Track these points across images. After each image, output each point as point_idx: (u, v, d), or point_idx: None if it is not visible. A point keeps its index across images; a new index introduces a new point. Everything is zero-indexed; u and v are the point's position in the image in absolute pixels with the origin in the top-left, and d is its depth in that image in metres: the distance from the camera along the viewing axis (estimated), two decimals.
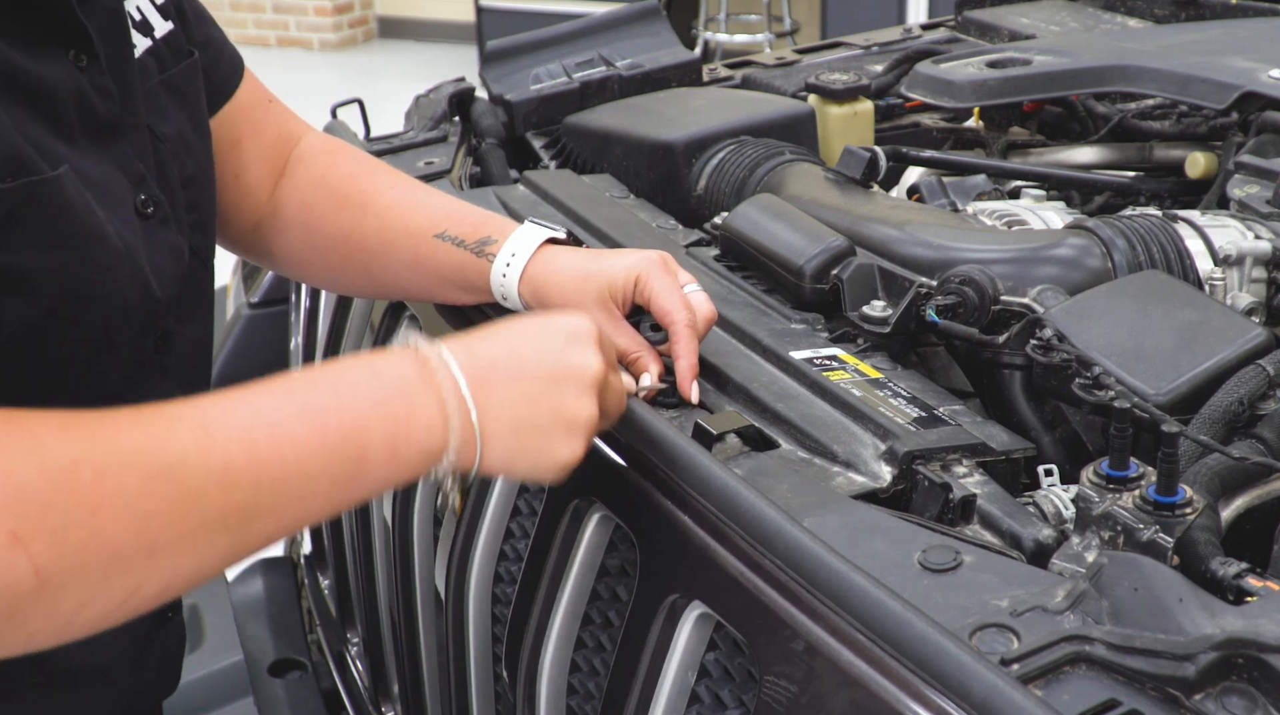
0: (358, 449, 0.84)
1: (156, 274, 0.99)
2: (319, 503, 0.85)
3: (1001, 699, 0.72)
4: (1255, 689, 0.74)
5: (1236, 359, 1.08)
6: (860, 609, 0.80)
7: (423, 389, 0.87)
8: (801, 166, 1.54)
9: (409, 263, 1.21)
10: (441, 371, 0.88)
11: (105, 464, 0.75)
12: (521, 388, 0.90)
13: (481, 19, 7.36)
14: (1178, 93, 1.57)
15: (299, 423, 0.83)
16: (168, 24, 1.10)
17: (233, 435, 0.80)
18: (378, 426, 0.85)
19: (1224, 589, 0.85)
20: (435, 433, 0.87)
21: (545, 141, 1.83)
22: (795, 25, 6.64)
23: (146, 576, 0.77)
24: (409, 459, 0.87)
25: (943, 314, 1.19)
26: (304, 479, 0.83)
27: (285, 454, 0.82)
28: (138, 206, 0.99)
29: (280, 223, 1.25)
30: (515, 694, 1.13)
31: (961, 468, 1.01)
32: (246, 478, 0.80)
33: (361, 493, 0.87)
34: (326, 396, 0.85)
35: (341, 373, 0.87)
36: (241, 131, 1.22)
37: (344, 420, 0.84)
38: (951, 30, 2.23)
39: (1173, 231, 1.27)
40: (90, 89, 0.96)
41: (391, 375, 0.87)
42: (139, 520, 0.75)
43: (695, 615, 0.94)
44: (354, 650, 1.69)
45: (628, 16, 1.97)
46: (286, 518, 0.83)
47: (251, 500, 0.80)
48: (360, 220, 1.23)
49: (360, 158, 1.30)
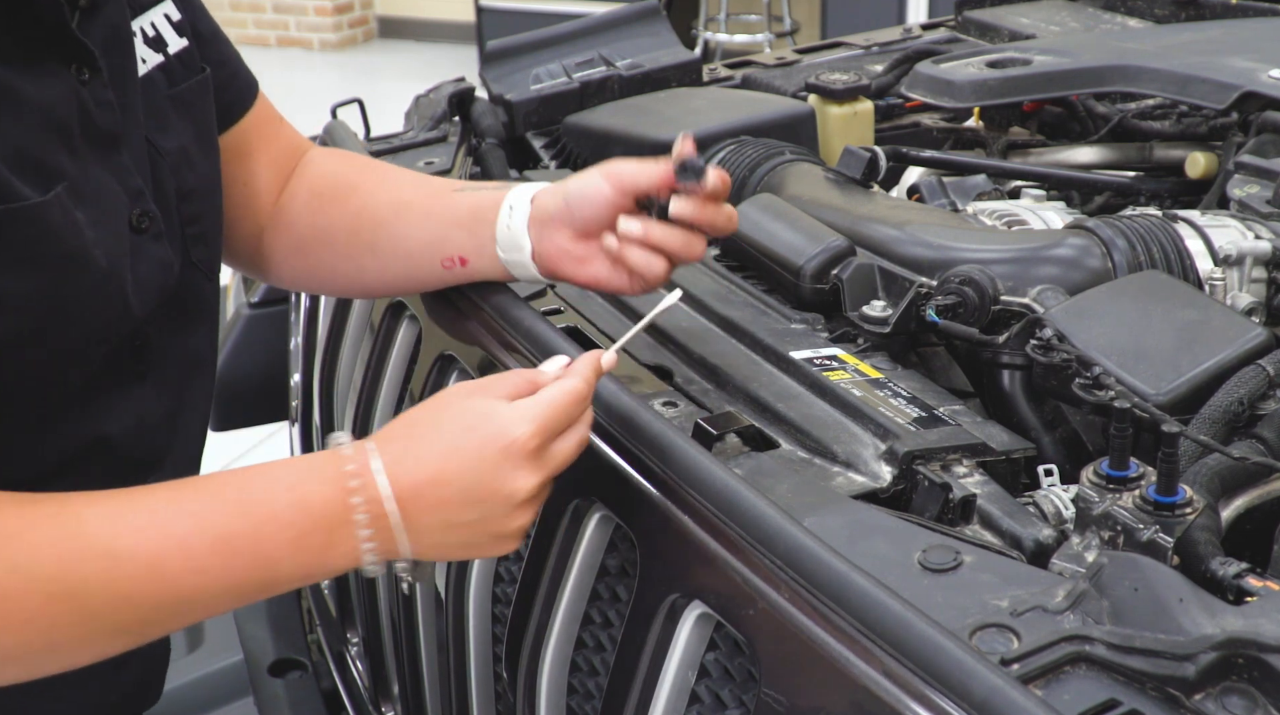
0: (267, 577, 0.88)
1: (138, 288, 1.00)
2: (224, 608, 0.91)
3: (1001, 699, 0.72)
4: (1255, 689, 0.74)
5: (1236, 359, 1.08)
6: (860, 609, 0.80)
7: (344, 522, 0.89)
8: (801, 166, 1.54)
9: (421, 215, 1.19)
10: (367, 501, 0.89)
11: (9, 584, 0.82)
12: (447, 515, 0.90)
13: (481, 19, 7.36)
14: (1178, 93, 1.57)
15: (211, 555, 0.87)
16: (182, 40, 1.11)
17: (140, 561, 0.85)
18: (292, 559, 0.88)
19: (1224, 589, 0.85)
20: (352, 558, 0.90)
21: (545, 141, 1.83)
22: (795, 25, 6.64)
23: (40, 668, 0.87)
24: (323, 576, 0.92)
25: (943, 314, 1.19)
26: (207, 599, 0.88)
27: (191, 581, 0.86)
28: (132, 220, 1.00)
29: (286, 218, 1.25)
30: (515, 694, 1.13)
31: (961, 468, 1.01)
32: (149, 601, 0.86)
33: (269, 596, 0.92)
34: (244, 526, 0.87)
35: (266, 498, 0.89)
36: (253, 145, 1.23)
37: (258, 554, 0.87)
38: (951, 30, 2.23)
39: (1173, 231, 1.27)
40: (92, 102, 0.96)
41: (316, 505, 0.88)
42: (38, 632, 0.83)
43: (695, 615, 0.94)
44: (354, 650, 1.69)
45: (628, 16, 1.97)
46: (192, 620, 0.91)
47: (152, 615, 0.87)
48: (374, 197, 1.23)
49: (370, 159, 1.31)
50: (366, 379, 1.48)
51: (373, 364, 1.47)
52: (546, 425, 0.91)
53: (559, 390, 0.93)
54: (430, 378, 1.32)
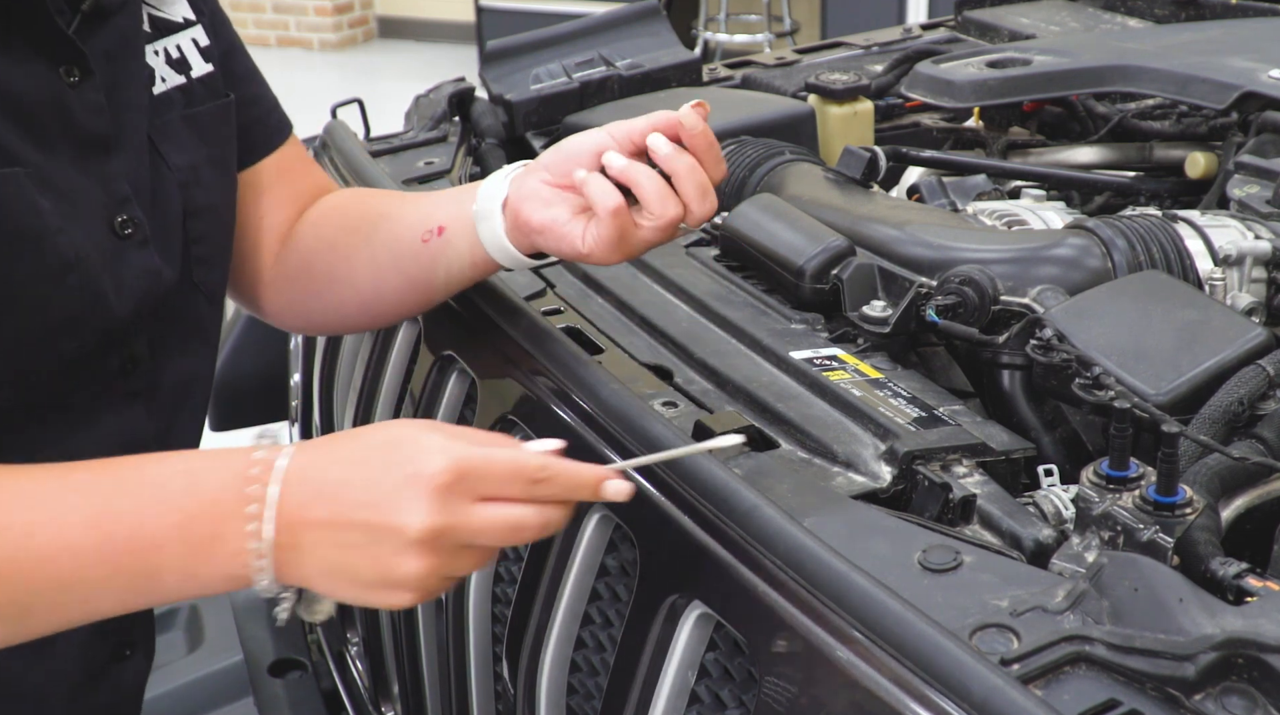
0: (148, 566, 0.82)
1: (119, 291, 0.99)
2: (110, 605, 0.84)
3: (1001, 699, 0.72)
4: (1255, 689, 0.74)
5: (1236, 359, 1.08)
6: (860, 609, 0.80)
7: (234, 513, 0.82)
8: (801, 166, 1.54)
9: (415, 199, 1.18)
10: (260, 495, 0.82)
11: None
12: (334, 534, 0.83)
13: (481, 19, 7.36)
14: (1178, 93, 1.57)
15: (85, 531, 0.81)
16: (207, 66, 1.12)
17: (13, 531, 0.80)
18: (174, 549, 0.82)
19: (1224, 589, 0.85)
20: (239, 563, 0.83)
21: (545, 141, 1.83)
22: (795, 25, 6.63)
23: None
24: (211, 580, 0.84)
25: (943, 314, 1.19)
26: (85, 585, 0.82)
27: (63, 561, 0.81)
28: (115, 226, 0.99)
29: (291, 243, 1.23)
30: (515, 694, 1.13)
31: (961, 468, 1.01)
32: (19, 577, 0.80)
33: (161, 600, 0.86)
34: (127, 504, 0.82)
35: (159, 476, 0.85)
36: (279, 180, 1.23)
37: (137, 536, 0.82)
38: (951, 30, 2.23)
39: (1173, 231, 1.27)
40: (77, 104, 0.96)
41: (208, 490, 0.83)
42: None
43: (695, 615, 0.94)
44: (354, 650, 1.69)
45: (628, 16, 1.97)
46: (75, 614, 0.84)
47: (26, 597, 0.81)
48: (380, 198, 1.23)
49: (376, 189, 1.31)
50: (366, 379, 1.48)
51: (373, 364, 1.47)
52: (465, 470, 0.82)
53: (502, 452, 0.85)
54: (430, 378, 1.33)
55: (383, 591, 0.84)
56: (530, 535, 0.85)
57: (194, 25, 1.12)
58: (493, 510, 0.83)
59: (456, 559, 0.84)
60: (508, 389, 1.18)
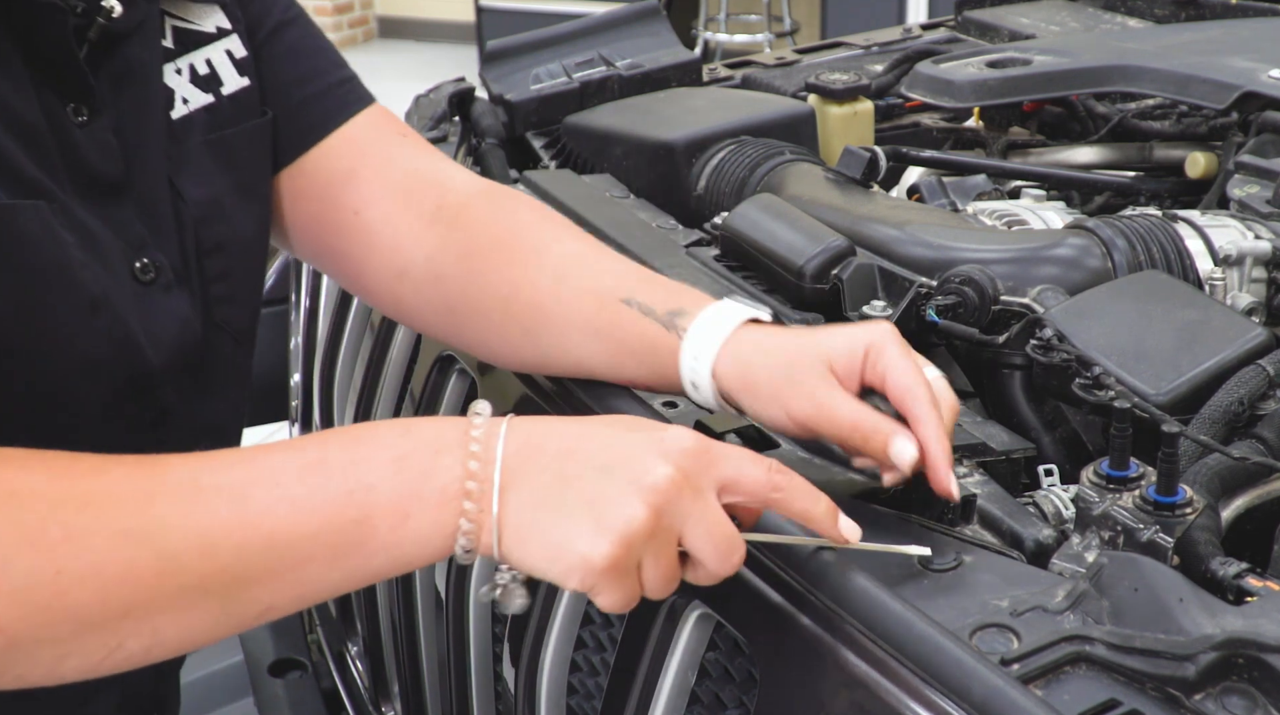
0: (361, 512, 0.77)
1: (153, 340, 0.93)
2: (319, 570, 0.78)
3: (1002, 699, 0.72)
4: (1255, 689, 0.74)
5: (1236, 359, 1.08)
6: (860, 609, 0.80)
7: (452, 447, 0.78)
8: (801, 166, 1.54)
9: (586, 328, 1.04)
10: (482, 431, 0.79)
11: (75, 524, 0.72)
12: (563, 465, 0.78)
13: (481, 19, 7.36)
14: (1178, 93, 1.57)
15: (300, 480, 0.77)
16: (243, 80, 1.04)
17: (223, 492, 0.76)
18: (387, 486, 0.77)
19: (1224, 589, 0.85)
20: (453, 508, 0.78)
21: (545, 141, 1.83)
22: (795, 25, 6.64)
23: (125, 637, 0.75)
24: (419, 530, 0.78)
25: (943, 314, 1.19)
26: (298, 543, 0.76)
27: (278, 512, 0.76)
28: (135, 272, 0.93)
29: (436, 274, 1.10)
30: (515, 694, 1.13)
31: (961, 468, 1.01)
32: (232, 539, 0.75)
33: (366, 564, 0.79)
34: (340, 451, 0.78)
35: (371, 428, 0.81)
36: (355, 163, 1.11)
37: (350, 476, 0.77)
38: (951, 30, 2.23)
39: (1173, 231, 1.27)
40: (85, 144, 0.90)
41: (426, 431, 0.80)
42: (107, 583, 0.73)
43: (695, 615, 0.94)
44: (354, 650, 1.69)
45: (628, 16, 1.97)
46: (284, 586, 0.78)
47: (237, 565, 0.75)
48: (533, 274, 1.07)
49: (532, 206, 1.15)
50: (366, 379, 1.49)
51: (373, 364, 1.47)
52: (709, 445, 0.80)
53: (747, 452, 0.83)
54: (430, 378, 1.33)
55: (586, 527, 0.76)
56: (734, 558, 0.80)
57: (228, 35, 1.03)
58: (721, 511, 0.80)
59: (666, 539, 0.78)
60: (508, 389, 1.18)
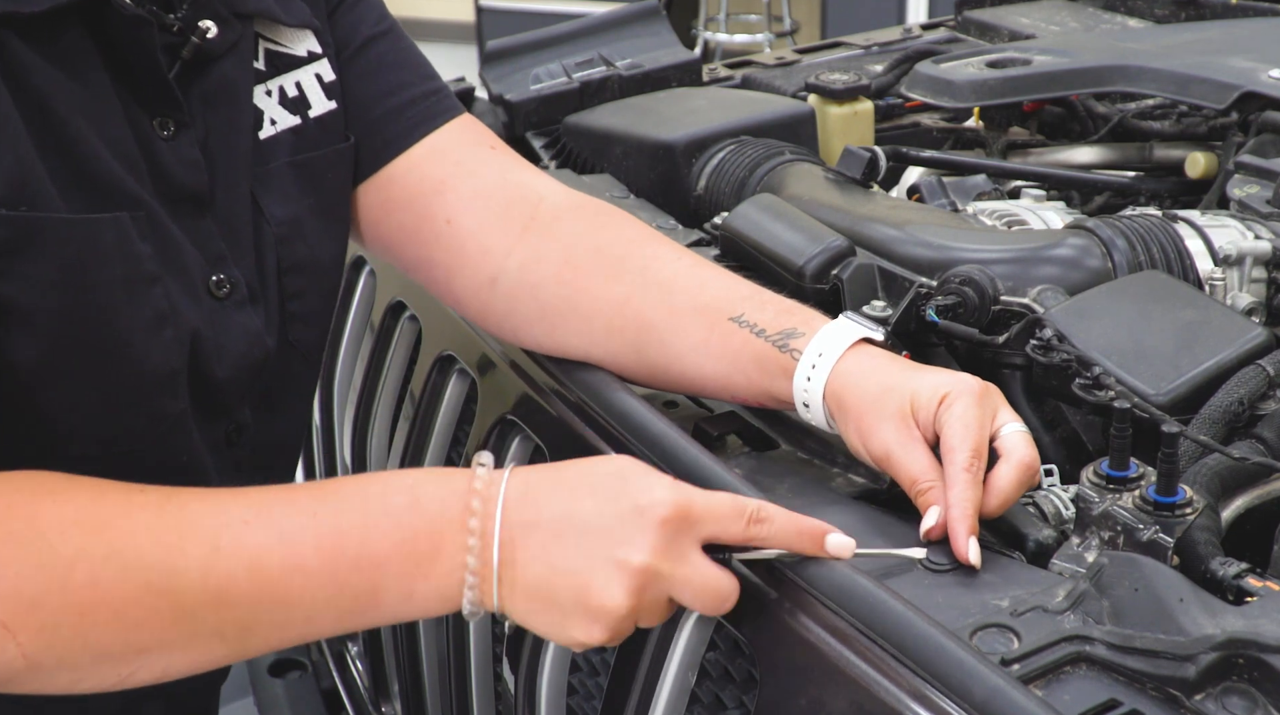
0: (370, 583, 0.83)
1: (220, 354, 0.96)
2: (328, 624, 0.85)
3: (1002, 699, 0.72)
4: (1255, 689, 0.74)
5: (1236, 359, 1.08)
6: (861, 609, 0.80)
7: (456, 526, 0.83)
8: (801, 166, 1.54)
9: (697, 345, 1.05)
10: (482, 512, 0.83)
11: (102, 568, 0.78)
12: (551, 555, 0.83)
13: (481, 19, 7.36)
14: (1178, 93, 1.57)
15: (316, 552, 0.82)
16: (330, 104, 1.06)
17: (242, 556, 0.81)
18: (396, 565, 0.83)
19: (1224, 589, 0.85)
20: (454, 581, 0.84)
21: (545, 141, 1.83)
22: (795, 25, 6.63)
23: (138, 668, 0.81)
24: (426, 599, 0.85)
25: (943, 314, 1.19)
26: (310, 605, 0.83)
27: (292, 581, 0.82)
28: (210, 286, 0.95)
29: (531, 282, 1.11)
30: (515, 694, 1.13)
31: None
32: (246, 599, 0.81)
33: (373, 621, 0.86)
34: (353, 523, 0.83)
35: (383, 495, 0.85)
36: (445, 173, 1.12)
37: (363, 553, 0.83)
38: (951, 30, 2.23)
39: (1173, 231, 1.27)
40: (170, 158, 0.92)
41: (431, 507, 0.84)
42: (127, 626, 0.79)
43: (696, 615, 0.94)
44: (354, 650, 1.69)
45: (628, 16, 1.97)
46: (291, 634, 0.85)
47: (249, 617, 0.82)
48: (641, 289, 1.07)
49: (631, 222, 1.15)
50: (367, 379, 1.49)
51: (373, 364, 1.47)
52: (689, 507, 0.83)
53: (722, 493, 0.86)
54: (430, 378, 1.33)
55: (578, 621, 0.83)
56: (727, 604, 0.85)
57: (318, 59, 1.05)
58: (706, 566, 0.84)
59: (655, 604, 0.84)
60: (508, 389, 1.18)
